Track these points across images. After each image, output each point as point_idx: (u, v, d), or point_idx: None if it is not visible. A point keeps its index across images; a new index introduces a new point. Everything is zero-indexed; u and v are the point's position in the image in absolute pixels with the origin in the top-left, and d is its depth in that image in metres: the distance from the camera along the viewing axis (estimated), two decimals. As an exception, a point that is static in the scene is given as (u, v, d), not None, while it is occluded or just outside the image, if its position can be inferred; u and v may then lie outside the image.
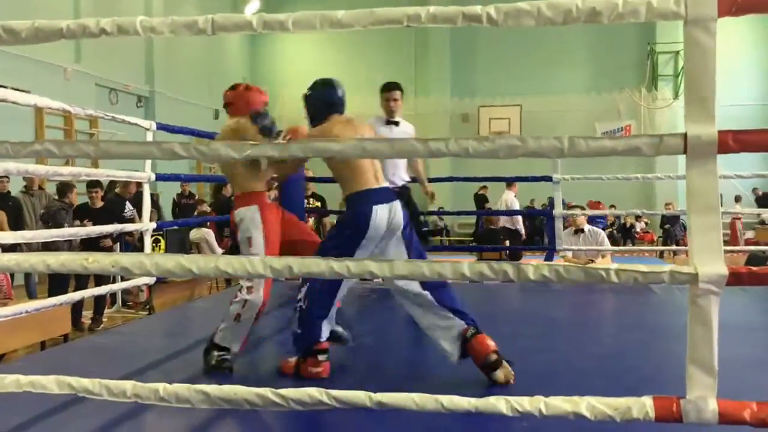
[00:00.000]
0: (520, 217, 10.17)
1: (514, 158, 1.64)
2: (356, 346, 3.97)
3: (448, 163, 18.22)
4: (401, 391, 1.76)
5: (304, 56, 20.74)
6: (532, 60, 19.09)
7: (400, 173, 5.02)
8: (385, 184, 3.35)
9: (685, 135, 1.58)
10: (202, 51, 17.71)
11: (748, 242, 13.30)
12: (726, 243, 12.28)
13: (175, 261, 1.74)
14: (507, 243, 9.46)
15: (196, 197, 13.18)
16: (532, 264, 1.66)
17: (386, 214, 3.13)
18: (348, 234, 3.17)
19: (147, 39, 14.99)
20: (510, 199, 9.67)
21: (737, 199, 15.08)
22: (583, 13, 1.58)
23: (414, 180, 5.23)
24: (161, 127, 4.77)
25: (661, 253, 12.94)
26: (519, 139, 1.67)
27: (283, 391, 1.78)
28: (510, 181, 9.61)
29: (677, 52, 17.96)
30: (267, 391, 1.77)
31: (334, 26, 1.60)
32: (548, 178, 6.08)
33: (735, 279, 1.58)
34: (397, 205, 3.21)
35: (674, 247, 12.36)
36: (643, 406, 1.64)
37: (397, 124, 5.01)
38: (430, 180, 10.93)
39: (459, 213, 12.11)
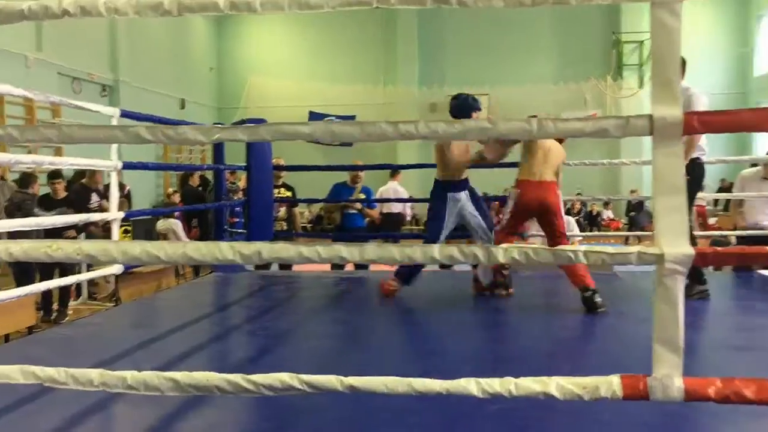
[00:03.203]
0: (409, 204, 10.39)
1: (486, 142, 1.64)
2: (327, 333, 3.98)
3: (415, 151, 18.27)
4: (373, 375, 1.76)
5: (272, 45, 20.58)
6: (499, 50, 19.18)
7: None
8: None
9: (651, 116, 1.60)
10: (167, 39, 17.44)
11: (711, 228, 13.55)
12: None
13: (142, 247, 1.72)
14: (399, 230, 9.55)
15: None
16: (502, 247, 1.66)
17: None
18: None
19: (111, 26, 14.74)
20: (395, 187, 9.74)
21: (702, 188, 15.35)
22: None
23: None
24: (126, 114, 4.68)
25: (627, 239, 13.12)
26: (489, 121, 1.68)
27: (254, 377, 1.76)
28: (396, 170, 9.91)
29: (642, 42, 18.19)
30: (237, 377, 1.75)
31: (303, 8, 1.58)
32: (517, 165, 6.10)
33: (700, 259, 1.60)
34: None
35: (639, 233, 12.53)
36: (610, 384, 1.66)
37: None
38: (402, 167, 10.91)
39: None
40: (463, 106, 4.58)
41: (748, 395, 1.60)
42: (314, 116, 18.91)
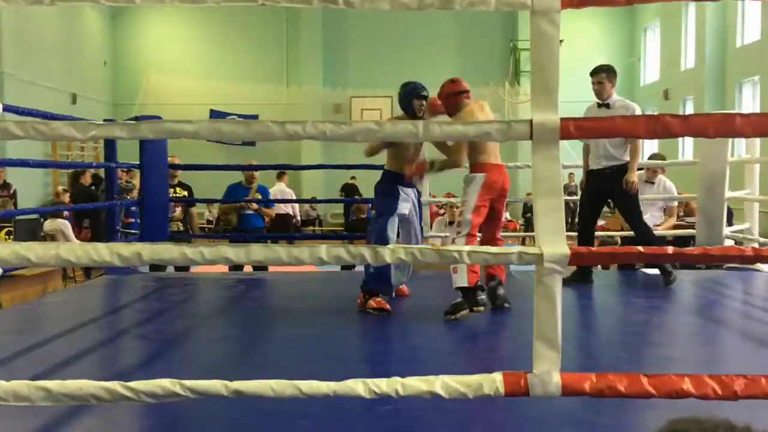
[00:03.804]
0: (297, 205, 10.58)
1: (370, 141, 1.64)
2: (221, 337, 3.89)
3: (319, 152, 18.21)
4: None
5: (171, 40, 19.97)
6: (403, 52, 19.41)
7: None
8: None
9: (530, 122, 1.65)
10: (57, 30, 16.58)
11: (600, 228, 14.20)
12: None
13: (10, 249, 1.62)
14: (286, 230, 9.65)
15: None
16: (389, 247, 1.67)
17: None
18: None
19: (-6, 15, 13.87)
20: (283, 188, 9.95)
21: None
22: (437, 0, 1.60)
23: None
24: (8, 109, 4.41)
25: (523, 239, 13.56)
26: (376, 123, 1.68)
27: (132, 384, 1.70)
28: (283, 170, 10.21)
29: (537, 49, 18.84)
30: (116, 385, 1.68)
31: (185, 0, 1.53)
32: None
33: (576, 258, 1.67)
34: None
35: (534, 234, 12.98)
36: (493, 382, 1.70)
37: (608, 106, 4.99)
38: (302, 167, 10.85)
39: (329, 201, 12.11)
40: (405, 94, 4.49)
41: (620, 389, 1.68)
42: (216, 115, 18.51)
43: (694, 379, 1.66)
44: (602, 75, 5.04)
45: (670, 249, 1.63)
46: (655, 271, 5.29)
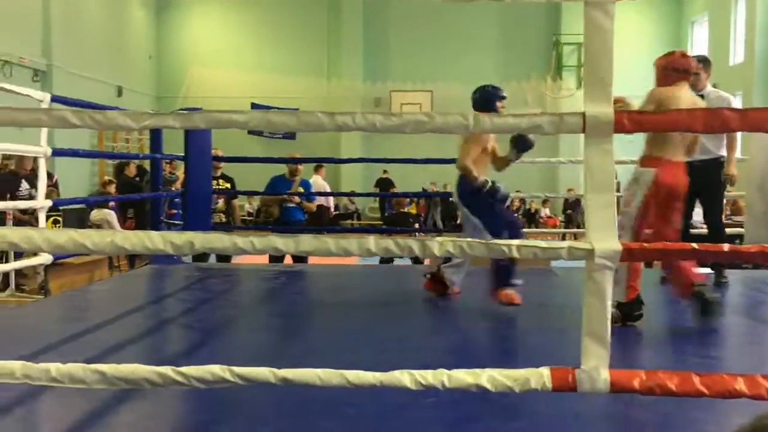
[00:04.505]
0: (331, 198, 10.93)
1: (420, 133, 1.64)
2: (263, 326, 3.94)
3: (359, 146, 18.26)
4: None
5: (213, 34, 20.18)
6: (444, 46, 19.32)
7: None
8: None
9: (583, 114, 1.63)
10: (104, 24, 16.92)
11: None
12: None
13: (68, 236, 1.66)
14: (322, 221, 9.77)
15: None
16: (438, 240, 1.67)
17: None
18: None
19: (44, 9, 14.20)
20: (319, 181, 10.05)
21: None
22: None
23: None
24: (57, 100, 4.52)
25: (564, 236, 13.42)
26: (426, 115, 1.68)
27: (184, 369, 1.73)
28: (321, 163, 10.41)
29: (580, 44, 18.60)
30: (167, 369, 1.72)
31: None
32: (454, 161, 6.15)
33: (628, 254, 1.65)
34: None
35: (575, 230, 12.84)
36: (540, 376, 1.69)
37: (702, 97, 4.77)
38: (342, 161, 10.99)
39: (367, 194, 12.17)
40: (486, 98, 4.37)
41: (671, 387, 1.66)
42: (256, 108, 18.68)
43: (747, 379, 1.62)
44: (702, 65, 4.85)
45: (726, 246, 1.59)
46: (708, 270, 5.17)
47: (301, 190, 7.23)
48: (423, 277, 4.55)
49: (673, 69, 3.70)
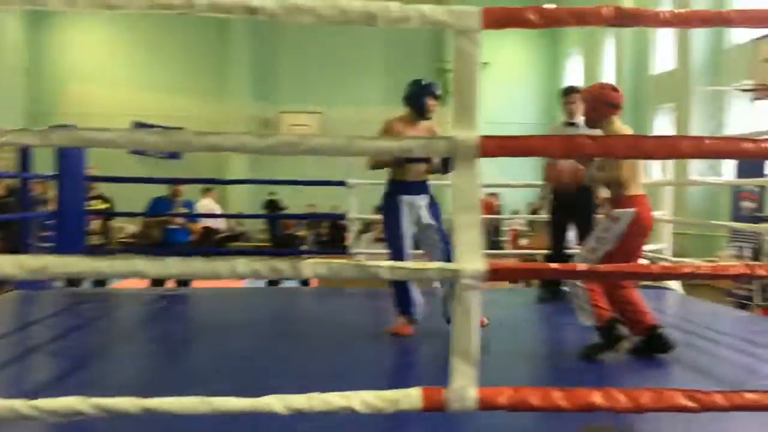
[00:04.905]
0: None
1: (294, 155, 1.63)
2: (139, 353, 3.77)
3: (246, 167, 18.00)
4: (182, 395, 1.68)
5: (94, 50, 19.36)
6: (334, 69, 19.46)
7: None
8: None
9: (451, 139, 1.68)
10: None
11: (521, 248, 14.53)
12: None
13: None
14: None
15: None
16: (309, 261, 1.66)
17: None
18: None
19: None
20: (208, 204, 9.94)
21: (515, 212, 16.50)
22: (360, 15, 1.61)
23: None
24: None
25: (449, 258, 13.72)
26: (299, 136, 1.67)
27: (38, 403, 1.62)
28: (210, 185, 10.19)
29: (465, 71, 19.28)
30: (18, 403, 1.60)
31: (99, 6, 1.49)
32: (342, 183, 6.19)
33: (494, 275, 1.70)
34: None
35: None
36: (410, 397, 1.71)
37: (575, 125, 4.98)
38: (227, 182, 10.74)
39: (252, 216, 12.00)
40: (414, 94, 4.11)
41: (534, 403, 1.72)
42: (139, 127, 18.06)
43: (603, 392, 1.70)
44: (577, 95, 5.09)
45: (584, 267, 1.67)
46: None
47: (184, 211, 7.03)
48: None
49: (606, 103, 3.54)
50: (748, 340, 4.22)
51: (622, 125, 3.55)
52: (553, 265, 1.69)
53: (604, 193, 5.20)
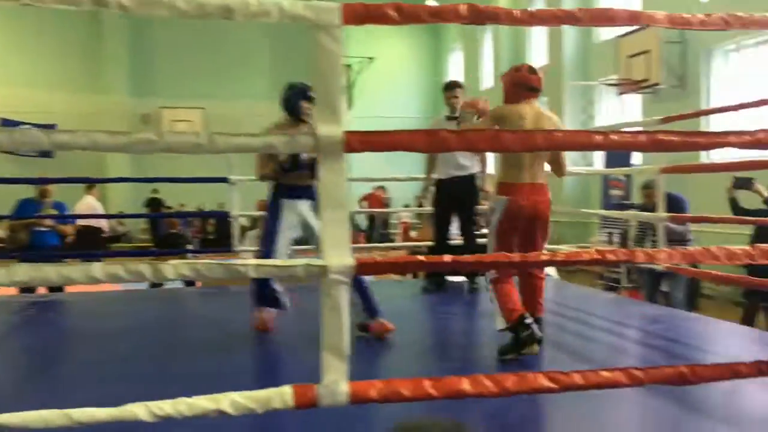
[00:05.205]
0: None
1: (150, 153, 1.58)
2: (3, 364, 3.54)
3: (127, 164, 17.31)
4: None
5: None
6: (216, 64, 19.03)
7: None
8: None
9: (315, 135, 1.67)
10: None
11: (411, 240, 14.78)
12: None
13: None
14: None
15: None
16: (171, 263, 1.61)
17: None
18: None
19: None
20: (91, 202, 9.60)
21: (405, 205, 16.74)
22: (217, 8, 1.58)
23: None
24: None
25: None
26: (156, 134, 1.61)
27: None
28: (92, 183, 9.80)
29: (349, 65, 19.37)
30: None
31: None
32: (224, 180, 6.07)
33: (361, 269, 1.71)
34: None
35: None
36: (283, 395, 1.69)
37: (457, 119, 5.02)
38: (106, 180, 10.29)
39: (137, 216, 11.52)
40: (289, 98, 4.05)
41: (405, 393, 1.74)
42: (7, 124, 16.95)
43: (471, 379, 1.76)
44: (460, 90, 5.31)
45: (448, 258, 1.71)
46: (462, 278, 5.64)
47: (53, 212, 6.65)
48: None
49: (522, 85, 3.47)
50: (614, 321, 4.49)
51: (539, 108, 3.49)
52: (420, 258, 1.72)
53: (488, 186, 5.40)
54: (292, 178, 3.97)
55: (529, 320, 3.26)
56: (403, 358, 3.58)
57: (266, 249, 3.92)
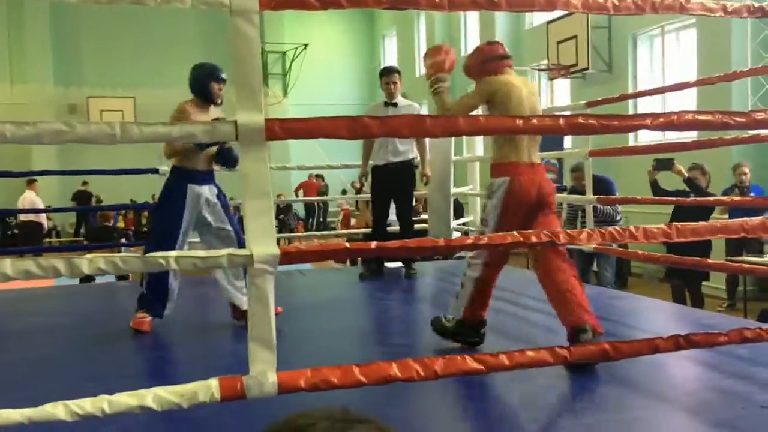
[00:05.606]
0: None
1: (61, 144, 1.52)
2: None
3: (54, 157, 16.71)
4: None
5: None
6: (145, 52, 18.52)
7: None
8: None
9: (235, 123, 1.64)
10: None
11: (351, 227, 14.78)
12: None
13: None
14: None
15: None
16: (86, 258, 1.56)
17: None
18: None
19: None
20: (32, 198, 9.44)
21: (344, 192, 16.70)
22: (127, -6, 1.52)
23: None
24: None
25: (278, 241, 13.65)
26: (66, 124, 1.56)
27: None
28: (15, 177, 9.43)
29: (284, 53, 19.15)
30: None
31: None
32: (155, 170, 5.92)
33: (286, 258, 1.69)
34: None
35: (287, 235, 13.15)
36: (209, 388, 1.67)
37: (395, 105, 5.23)
38: (33, 173, 9.95)
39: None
40: (197, 78, 3.79)
41: (334, 381, 1.74)
42: None
43: (400, 364, 1.76)
44: (397, 75, 5.30)
45: (373, 244, 1.71)
46: (399, 264, 5.66)
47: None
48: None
49: (498, 57, 3.23)
50: (547, 301, 4.58)
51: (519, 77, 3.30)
52: (345, 245, 1.72)
53: (427, 170, 5.43)
54: (196, 161, 3.75)
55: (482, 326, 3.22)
56: (340, 345, 3.58)
57: (166, 241, 3.60)
